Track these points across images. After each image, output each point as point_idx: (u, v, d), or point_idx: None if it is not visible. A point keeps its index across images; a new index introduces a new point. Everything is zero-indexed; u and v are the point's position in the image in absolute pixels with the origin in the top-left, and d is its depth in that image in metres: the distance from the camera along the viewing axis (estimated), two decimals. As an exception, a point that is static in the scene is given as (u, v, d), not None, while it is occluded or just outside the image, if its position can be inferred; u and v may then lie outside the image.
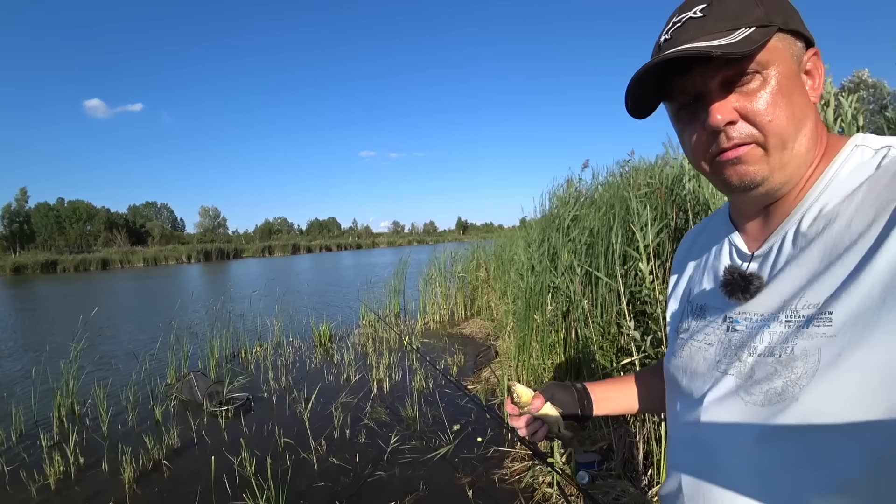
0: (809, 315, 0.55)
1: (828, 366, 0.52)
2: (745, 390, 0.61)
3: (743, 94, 0.59)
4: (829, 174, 0.60)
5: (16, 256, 50.44)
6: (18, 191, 70.49)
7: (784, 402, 0.55)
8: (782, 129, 0.58)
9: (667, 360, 0.81)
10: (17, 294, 21.56)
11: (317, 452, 3.65)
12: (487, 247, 11.69)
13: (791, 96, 0.59)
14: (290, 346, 7.18)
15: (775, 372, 0.57)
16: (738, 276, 0.65)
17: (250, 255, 60.08)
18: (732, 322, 0.67)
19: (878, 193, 0.53)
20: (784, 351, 0.57)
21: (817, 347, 0.53)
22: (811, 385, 0.53)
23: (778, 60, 0.59)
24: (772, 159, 0.60)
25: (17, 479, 3.50)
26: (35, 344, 8.37)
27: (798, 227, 0.60)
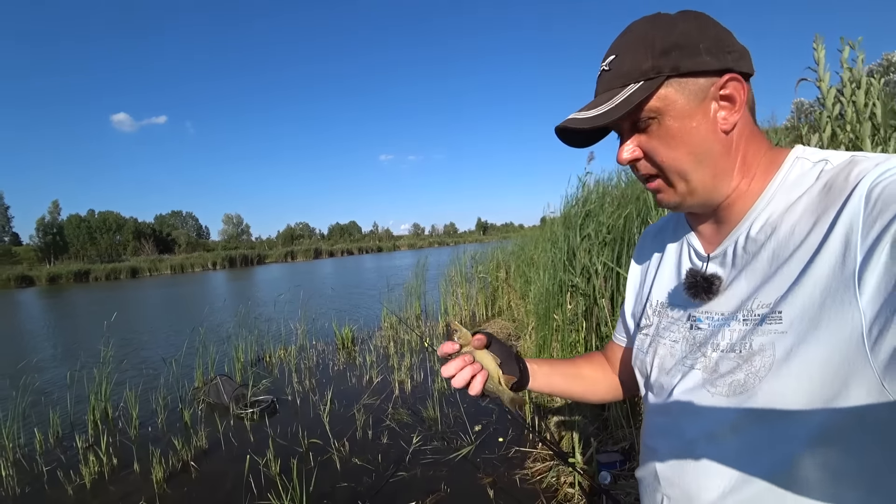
0: (763, 314, 0.61)
1: (781, 359, 0.58)
2: (711, 383, 0.66)
3: (645, 135, 0.66)
4: (774, 185, 0.65)
5: (50, 266, 52.16)
6: (51, 203, 72.96)
7: (746, 392, 0.61)
8: (678, 165, 0.65)
9: (634, 355, 0.87)
10: (53, 303, 22.31)
11: (340, 453, 3.70)
12: (508, 247, 11.67)
13: (685, 135, 0.64)
14: (314, 349, 7.28)
15: (738, 366, 0.63)
16: (701, 279, 0.70)
17: (273, 260, 60.95)
18: (696, 321, 0.72)
19: (816, 204, 0.59)
20: (744, 346, 0.63)
21: (771, 342, 0.59)
22: (769, 377, 0.59)
23: (669, 106, 0.64)
24: (678, 189, 0.68)
25: (55, 479, 3.64)
26: (71, 350, 8.66)
27: (748, 234, 0.66)
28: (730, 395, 0.63)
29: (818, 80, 2.11)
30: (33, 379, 6.33)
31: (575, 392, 1.01)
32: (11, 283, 39.79)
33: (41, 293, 30.03)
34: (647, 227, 0.97)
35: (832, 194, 0.57)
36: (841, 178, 0.57)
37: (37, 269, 48.85)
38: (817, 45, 2.07)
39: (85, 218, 76.52)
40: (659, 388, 0.77)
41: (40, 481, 3.67)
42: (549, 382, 0.96)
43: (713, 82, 0.64)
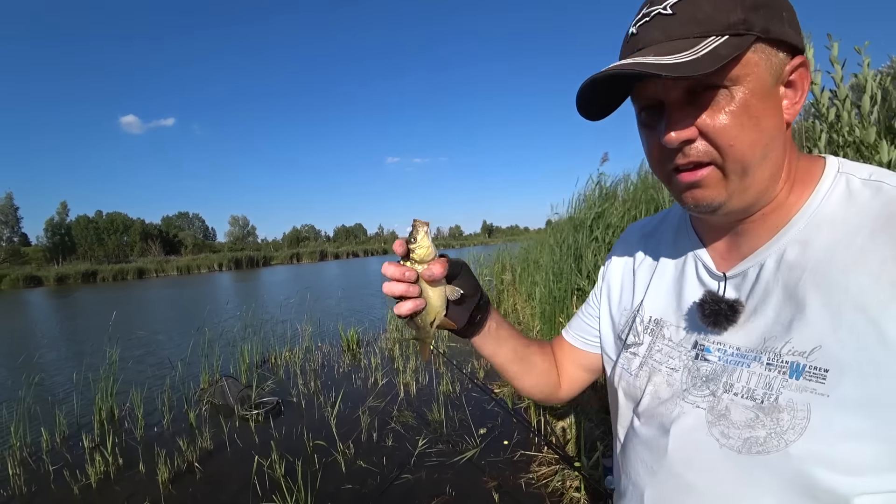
0: (795, 363, 0.52)
1: (820, 429, 0.49)
2: (721, 432, 0.57)
3: (706, 110, 0.52)
4: (815, 203, 0.55)
5: (58, 267, 52.61)
6: (59, 204, 73.63)
7: (768, 454, 0.52)
8: (744, 153, 0.53)
9: (616, 372, 0.77)
10: (61, 303, 22.48)
11: (345, 455, 3.69)
12: (513, 250, 11.64)
13: (760, 118, 0.52)
14: (319, 351, 7.28)
15: (756, 419, 0.54)
16: (725, 306, 0.59)
17: (279, 262, 61.22)
18: (704, 351, 0.62)
19: (886, 238, 0.49)
20: (767, 398, 0.53)
21: (806, 403, 0.50)
22: (800, 442, 0.50)
23: (751, 76, 0.52)
24: (730, 184, 0.55)
25: (61, 479, 3.65)
26: (78, 351, 8.71)
27: (782, 257, 0.56)
28: (743, 451, 0.54)
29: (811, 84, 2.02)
30: (40, 378, 6.37)
31: (512, 374, 0.88)
32: (20, 283, 40.18)
33: (49, 293, 30.27)
34: (633, 224, 0.86)
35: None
36: None
37: (45, 269, 49.35)
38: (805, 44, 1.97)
39: (93, 219, 77.17)
40: (650, 419, 0.67)
41: (46, 481, 3.68)
42: (495, 350, 0.83)
43: (788, 61, 0.54)
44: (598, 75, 0.54)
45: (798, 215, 0.56)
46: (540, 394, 0.92)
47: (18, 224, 68.70)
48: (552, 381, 0.91)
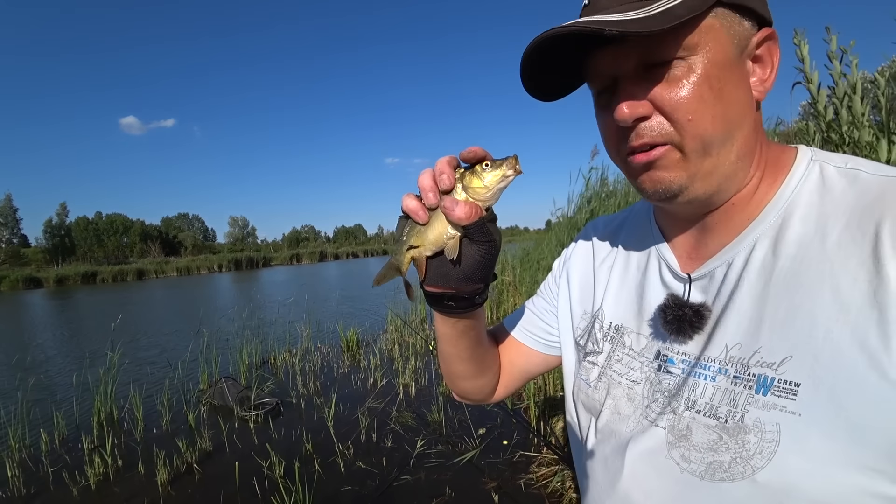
0: (763, 377, 0.46)
1: (792, 454, 0.43)
2: (682, 455, 0.50)
3: (662, 83, 0.47)
4: (787, 193, 0.49)
5: (58, 268, 52.60)
6: (58, 206, 73.71)
7: (732, 481, 0.46)
8: (705, 130, 0.47)
9: (574, 382, 0.69)
10: (60, 304, 22.45)
11: (344, 456, 3.69)
12: (513, 250, 11.64)
13: (723, 91, 0.47)
14: (318, 352, 7.28)
15: (720, 440, 0.48)
16: (690, 312, 0.53)
17: (279, 263, 61.16)
18: (667, 361, 0.56)
19: (863, 231, 0.43)
20: (731, 417, 0.47)
21: (775, 423, 0.44)
22: (769, 469, 0.44)
23: (711, 44, 0.47)
24: (691, 165, 0.49)
25: (61, 480, 3.65)
26: (77, 352, 8.70)
27: (751, 255, 0.50)
28: (706, 477, 0.48)
29: (807, 82, 1.92)
30: (39, 380, 6.37)
31: (455, 371, 0.78)
32: (20, 284, 40.13)
33: (49, 295, 30.25)
34: (599, 217, 0.77)
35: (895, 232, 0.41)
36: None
37: (44, 270, 49.34)
38: (799, 40, 1.87)
39: (92, 220, 77.21)
40: (607, 436, 0.60)
41: (45, 482, 3.67)
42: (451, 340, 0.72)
43: (754, 33, 0.49)
44: (538, 38, 0.49)
45: (768, 207, 0.50)
46: (477, 396, 0.82)
47: (18, 225, 68.69)
48: (493, 382, 0.82)
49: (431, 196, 0.54)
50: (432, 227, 0.56)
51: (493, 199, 0.55)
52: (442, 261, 0.58)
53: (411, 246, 0.58)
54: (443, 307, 0.64)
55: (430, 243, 0.57)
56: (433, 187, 0.54)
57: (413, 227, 0.57)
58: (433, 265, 0.59)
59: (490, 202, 0.55)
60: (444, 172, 0.53)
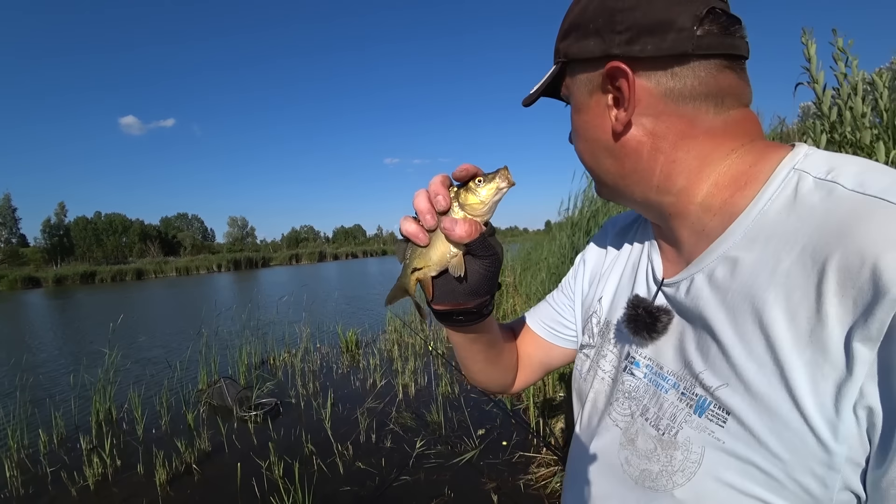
0: (702, 399, 0.46)
1: (709, 478, 0.44)
2: (626, 457, 0.54)
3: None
4: (757, 208, 0.46)
5: (57, 268, 52.56)
6: (57, 205, 73.69)
7: (656, 491, 0.48)
8: (583, 160, 0.59)
9: (574, 374, 0.73)
10: (59, 304, 22.43)
11: (343, 457, 3.69)
12: (512, 251, 11.66)
13: (581, 130, 0.57)
14: (318, 353, 7.27)
15: (654, 451, 0.50)
16: (644, 311, 0.55)
17: (278, 263, 61.15)
18: (632, 364, 0.58)
19: (812, 261, 0.40)
20: (668, 431, 0.49)
21: (701, 445, 0.45)
22: (687, 487, 0.46)
23: (571, 95, 0.57)
24: (600, 184, 0.59)
25: (59, 481, 3.64)
26: (76, 352, 8.69)
27: (712, 274, 0.49)
28: (638, 482, 0.51)
29: (812, 82, 1.91)
30: (38, 380, 6.37)
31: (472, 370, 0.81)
32: (18, 284, 40.10)
33: (48, 294, 30.22)
34: (616, 216, 0.79)
35: (849, 281, 0.37)
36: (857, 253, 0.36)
37: (43, 270, 49.31)
38: (806, 39, 1.86)
39: (91, 220, 77.18)
40: (586, 427, 0.64)
41: (44, 482, 3.66)
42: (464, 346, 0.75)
43: (599, 71, 0.52)
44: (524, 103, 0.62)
45: (738, 221, 0.47)
46: (496, 388, 0.85)
47: (17, 225, 68.58)
48: (511, 376, 0.84)
49: (430, 218, 0.54)
50: (434, 248, 0.56)
51: (490, 212, 0.55)
52: (447, 279, 0.58)
53: (415, 268, 0.58)
54: (452, 322, 0.65)
55: (434, 264, 0.57)
56: (430, 209, 0.54)
57: (415, 249, 0.58)
58: (439, 284, 0.59)
59: (487, 216, 0.56)
60: (440, 193, 0.54)
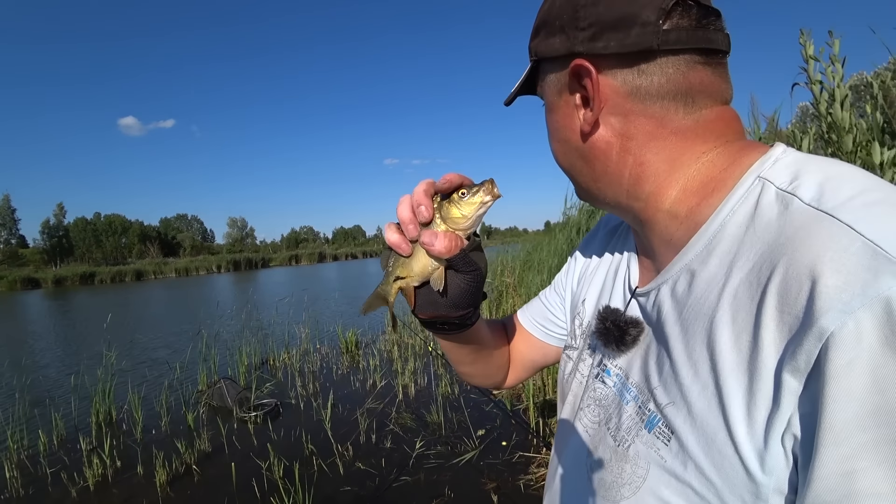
0: (653, 415, 0.46)
1: (651, 492, 0.45)
2: (589, 465, 0.55)
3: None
4: (718, 220, 0.44)
5: (56, 269, 52.53)
6: (56, 206, 73.56)
7: (607, 501, 0.50)
8: (558, 161, 0.57)
9: (560, 374, 0.72)
10: (58, 305, 22.43)
11: (343, 457, 3.69)
12: (513, 251, 11.65)
13: (553, 131, 0.55)
14: (318, 353, 7.27)
15: (610, 461, 0.51)
16: (612, 325, 0.54)
17: (278, 264, 61.20)
18: (604, 372, 0.57)
19: (756, 284, 0.38)
20: (622, 443, 0.49)
21: (647, 461, 0.45)
22: (632, 500, 0.47)
23: (544, 95, 0.55)
24: (577, 186, 0.57)
25: (59, 481, 3.65)
26: (76, 353, 8.69)
27: (674, 287, 0.47)
28: (597, 491, 0.52)
29: (809, 83, 1.90)
30: (37, 381, 6.36)
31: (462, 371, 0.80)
32: (18, 285, 40.10)
33: (47, 295, 30.22)
34: (607, 214, 0.74)
35: (786, 305, 0.35)
36: (798, 274, 0.35)
37: (42, 271, 49.26)
38: (804, 39, 1.86)
39: (91, 221, 77.12)
40: (566, 430, 0.64)
41: (44, 483, 3.67)
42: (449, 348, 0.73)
43: (566, 70, 0.50)
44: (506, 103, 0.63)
45: (699, 234, 0.46)
46: (488, 385, 0.86)
47: (16, 226, 68.56)
48: (503, 374, 0.84)
49: (412, 228, 0.53)
50: (416, 259, 0.55)
51: (474, 226, 0.54)
52: (430, 289, 0.57)
53: (398, 277, 0.57)
54: (436, 330, 0.65)
55: (416, 274, 0.56)
56: (412, 219, 0.53)
57: (398, 258, 0.56)
58: (421, 294, 0.58)
59: (471, 230, 0.54)
60: (422, 204, 0.53)
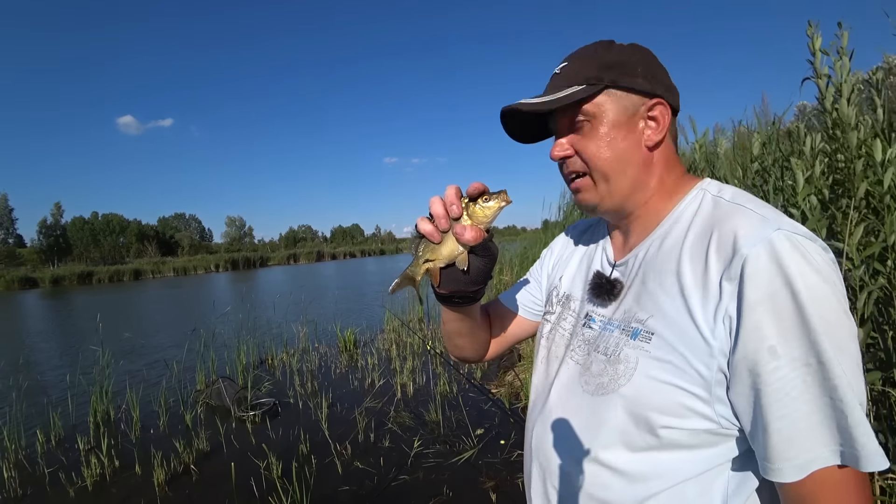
0: (636, 329, 0.69)
1: (642, 376, 0.66)
2: (585, 380, 0.74)
3: (578, 135, 0.74)
4: (679, 210, 0.73)
5: (54, 269, 52.34)
6: (53, 205, 73.26)
7: (608, 394, 0.69)
8: (603, 165, 0.73)
9: (538, 336, 0.95)
10: (56, 304, 22.38)
11: (341, 456, 3.69)
12: (512, 249, 11.65)
13: (613, 141, 0.72)
14: (316, 352, 7.27)
15: (605, 369, 0.71)
16: (605, 281, 0.78)
17: (276, 263, 61.07)
18: (590, 320, 0.80)
19: (700, 244, 0.66)
20: (614, 353, 0.71)
21: (636, 358, 0.68)
22: (628, 386, 0.67)
23: (604, 112, 0.72)
24: (599, 189, 0.75)
25: (57, 481, 3.65)
26: (73, 352, 8.66)
27: (647, 252, 0.74)
28: (595, 394, 0.72)
29: (815, 77, 1.89)
30: (35, 381, 6.34)
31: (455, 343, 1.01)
32: (15, 284, 39.95)
33: (44, 295, 30.14)
34: (577, 222, 1.04)
35: (721, 248, 0.62)
36: (727, 232, 0.63)
37: (40, 270, 49.06)
38: (812, 32, 1.85)
39: (88, 220, 76.79)
40: (545, 372, 0.86)
41: (42, 483, 3.66)
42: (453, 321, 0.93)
43: (644, 102, 0.73)
44: (503, 109, 0.78)
45: (666, 219, 0.74)
46: (472, 358, 1.06)
47: (13, 225, 68.24)
48: (486, 347, 1.06)
49: (444, 221, 0.71)
50: (445, 245, 0.73)
51: (491, 223, 0.72)
52: (452, 270, 0.76)
53: (427, 259, 0.75)
54: (451, 303, 0.85)
55: (443, 258, 0.74)
56: (444, 214, 0.71)
57: (428, 244, 0.74)
58: (445, 273, 0.77)
59: (489, 226, 0.72)
60: (454, 203, 0.71)
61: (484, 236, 0.72)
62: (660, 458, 0.65)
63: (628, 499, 0.68)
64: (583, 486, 0.72)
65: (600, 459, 0.70)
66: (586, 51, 0.77)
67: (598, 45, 0.76)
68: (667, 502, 0.66)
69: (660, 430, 0.64)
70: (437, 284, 0.78)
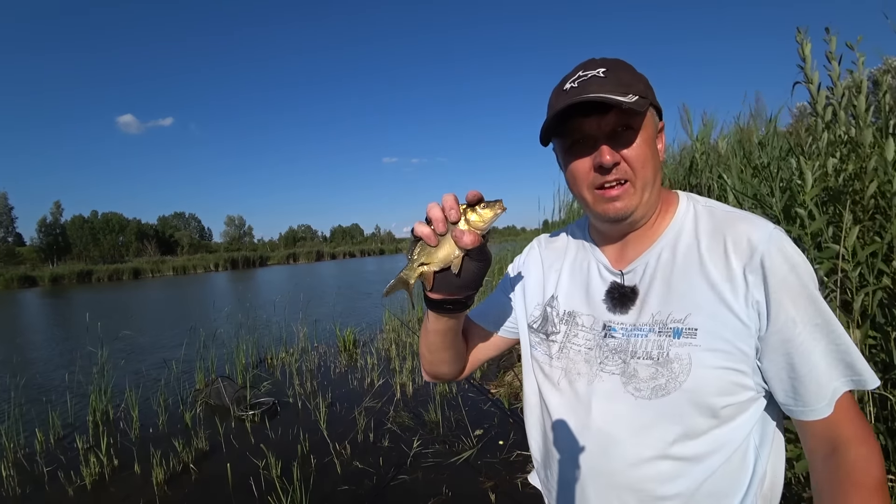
0: (676, 328, 0.75)
1: (699, 368, 0.72)
2: (635, 387, 0.76)
3: (627, 143, 0.76)
4: (679, 219, 0.82)
5: (53, 267, 52.29)
6: (52, 204, 73.15)
7: (669, 394, 0.73)
8: (648, 175, 0.78)
9: (535, 357, 0.93)
10: (55, 303, 22.36)
11: (340, 456, 3.69)
12: (510, 249, 11.64)
13: (654, 155, 0.79)
14: (315, 352, 7.27)
15: (657, 372, 0.75)
16: (628, 290, 0.82)
17: (275, 262, 61.05)
18: (611, 330, 0.82)
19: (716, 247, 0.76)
20: (661, 355, 0.75)
21: (687, 353, 0.73)
22: (689, 380, 0.72)
23: (648, 126, 0.78)
24: (638, 196, 0.78)
25: (56, 480, 3.64)
26: (72, 351, 8.65)
27: (659, 257, 0.80)
28: (652, 397, 0.75)
29: (807, 81, 1.93)
30: (34, 379, 6.34)
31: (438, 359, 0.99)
32: (15, 283, 39.91)
33: (44, 293, 30.12)
34: (540, 236, 1.06)
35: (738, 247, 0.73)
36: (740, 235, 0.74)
37: (40, 269, 49.01)
38: (801, 38, 1.88)
39: (88, 219, 76.74)
40: (571, 394, 0.84)
41: (41, 482, 3.66)
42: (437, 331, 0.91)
43: (659, 123, 0.83)
44: (577, 100, 0.74)
45: (667, 229, 0.82)
46: (449, 376, 1.04)
47: (13, 224, 68.19)
48: (464, 364, 1.04)
49: (441, 225, 0.73)
50: (441, 249, 0.73)
51: (487, 228, 0.73)
52: (445, 274, 0.77)
53: (422, 263, 0.75)
54: (442, 310, 0.84)
55: (438, 261, 0.75)
56: (442, 219, 0.73)
57: (424, 248, 0.74)
58: (438, 277, 0.77)
59: (485, 231, 0.73)
60: (453, 208, 0.72)
61: (480, 241, 0.73)
62: (717, 434, 0.73)
63: (695, 482, 0.74)
64: (659, 486, 0.76)
65: (671, 454, 0.74)
66: (619, 64, 0.80)
67: (623, 62, 0.81)
68: (723, 471, 0.74)
69: (721, 411, 0.72)
70: (430, 288, 0.79)
